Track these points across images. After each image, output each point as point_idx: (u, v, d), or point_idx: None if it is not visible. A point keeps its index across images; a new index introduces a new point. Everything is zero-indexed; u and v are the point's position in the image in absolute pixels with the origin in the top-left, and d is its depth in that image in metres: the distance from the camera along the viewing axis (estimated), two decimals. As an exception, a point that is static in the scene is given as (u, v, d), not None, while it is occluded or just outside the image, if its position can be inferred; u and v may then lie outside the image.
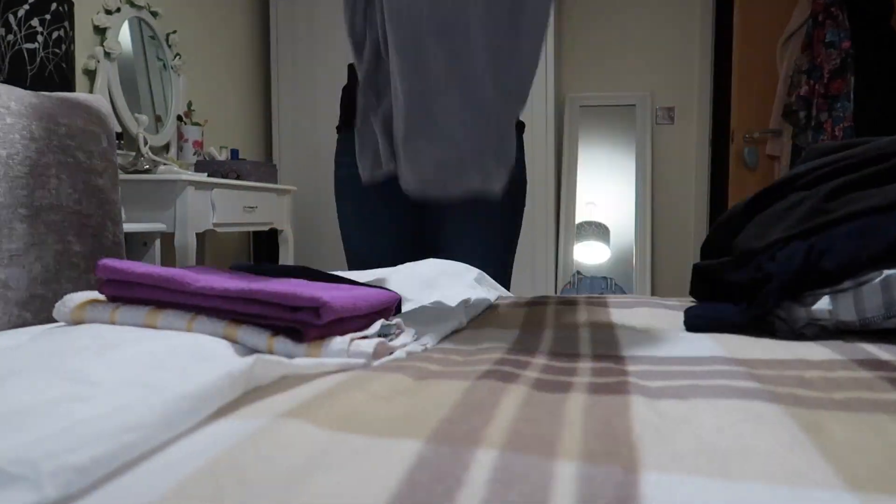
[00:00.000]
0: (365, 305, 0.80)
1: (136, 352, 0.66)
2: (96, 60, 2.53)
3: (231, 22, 3.45)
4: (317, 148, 3.50)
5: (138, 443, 0.44)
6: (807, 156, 1.14)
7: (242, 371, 0.55)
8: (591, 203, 3.89)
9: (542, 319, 1.06)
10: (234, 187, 2.67)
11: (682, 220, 3.86)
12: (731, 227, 1.11)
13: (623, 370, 0.69)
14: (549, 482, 0.40)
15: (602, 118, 3.94)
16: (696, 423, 0.50)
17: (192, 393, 0.49)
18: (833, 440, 0.47)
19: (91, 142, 1.23)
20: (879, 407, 0.55)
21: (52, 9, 2.25)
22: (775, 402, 0.55)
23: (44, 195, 1.09)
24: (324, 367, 0.67)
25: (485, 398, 0.56)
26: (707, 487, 0.39)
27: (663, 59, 3.85)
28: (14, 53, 2.12)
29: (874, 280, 0.85)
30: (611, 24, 3.90)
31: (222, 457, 0.43)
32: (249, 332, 0.76)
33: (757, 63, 3.30)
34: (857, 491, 0.39)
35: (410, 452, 0.44)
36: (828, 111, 3.04)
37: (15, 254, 1.04)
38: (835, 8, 3.03)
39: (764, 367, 0.70)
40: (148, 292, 0.83)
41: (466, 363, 0.73)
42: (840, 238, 0.89)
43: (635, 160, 3.85)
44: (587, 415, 0.52)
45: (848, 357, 0.75)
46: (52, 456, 0.39)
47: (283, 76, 3.59)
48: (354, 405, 0.54)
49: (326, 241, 3.44)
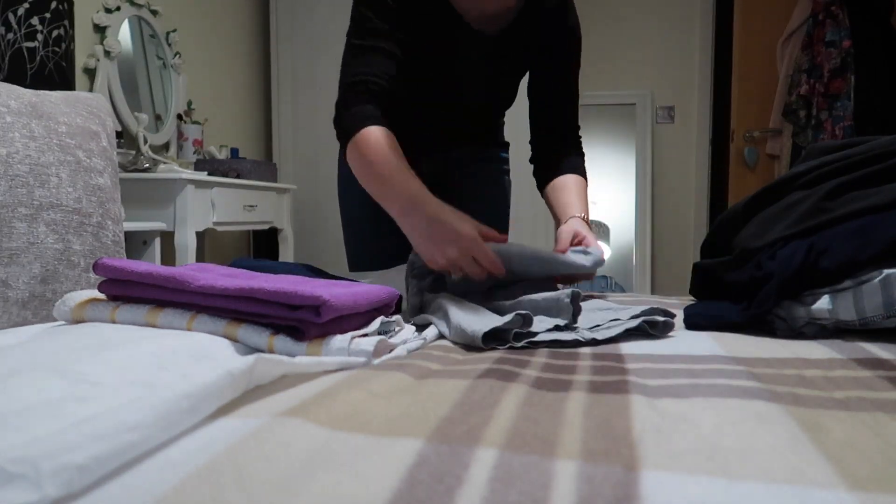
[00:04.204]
0: (365, 303, 0.80)
1: (137, 351, 0.66)
2: (96, 59, 2.52)
3: (231, 20, 3.44)
4: (317, 147, 3.50)
5: (139, 442, 0.44)
6: (807, 155, 1.14)
7: (243, 370, 0.55)
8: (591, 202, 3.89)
9: (542, 318, 1.06)
10: (234, 186, 2.67)
11: (682, 219, 3.86)
12: (731, 227, 1.11)
13: (623, 369, 0.69)
14: (548, 481, 0.40)
15: (602, 117, 3.94)
16: (696, 422, 0.50)
17: (193, 392, 0.49)
18: (833, 439, 0.47)
19: (91, 140, 1.23)
20: (879, 406, 0.55)
21: (51, 7, 2.25)
22: (775, 401, 0.55)
23: (44, 194, 1.09)
24: (324, 365, 0.67)
25: (485, 397, 0.56)
26: (707, 486, 0.39)
27: (663, 59, 3.85)
28: (14, 52, 2.12)
29: (874, 279, 0.85)
30: (611, 23, 3.90)
31: (222, 456, 0.43)
32: (250, 330, 0.76)
33: (757, 62, 3.30)
34: (856, 490, 0.39)
35: (411, 451, 0.44)
36: (828, 110, 3.04)
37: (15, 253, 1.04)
38: (835, 7, 3.03)
39: (763, 365, 0.70)
40: (148, 291, 0.83)
41: (466, 362, 0.73)
42: (840, 237, 0.89)
43: (635, 159, 3.85)
44: (587, 414, 0.52)
45: (848, 356, 0.75)
46: (52, 455, 0.39)
47: (284, 75, 3.58)
48: (354, 404, 0.54)
49: (326, 240, 3.44)
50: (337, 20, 3.49)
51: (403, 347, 0.79)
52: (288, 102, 3.59)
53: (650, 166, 3.82)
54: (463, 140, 1.50)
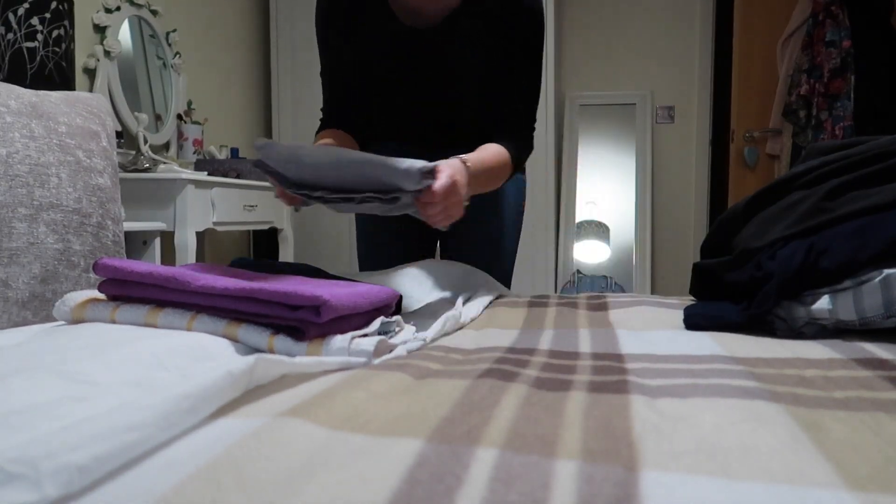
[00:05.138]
0: (365, 303, 0.80)
1: (137, 351, 0.66)
2: (96, 59, 2.52)
3: (231, 20, 3.44)
4: (317, 147, 3.50)
5: (139, 442, 0.44)
6: (806, 155, 1.14)
7: (243, 370, 0.55)
8: (591, 202, 3.89)
9: (542, 318, 1.06)
10: (234, 186, 2.67)
11: (681, 219, 3.86)
12: (731, 227, 1.11)
13: (623, 369, 0.69)
14: (548, 481, 0.40)
15: (602, 117, 3.93)
16: (696, 422, 0.50)
17: (193, 392, 0.49)
18: (833, 439, 0.47)
19: (91, 140, 1.23)
20: (879, 406, 0.55)
21: (51, 7, 2.25)
22: (775, 401, 0.55)
23: (43, 194, 1.09)
24: (324, 365, 0.67)
25: (485, 397, 0.56)
26: (707, 486, 0.39)
27: (663, 59, 3.85)
28: (14, 52, 2.12)
29: (874, 279, 0.85)
30: (611, 23, 3.90)
31: (222, 456, 0.43)
32: (250, 330, 0.76)
33: (757, 62, 3.30)
34: (856, 489, 0.39)
35: (411, 451, 0.44)
36: (828, 110, 3.04)
37: (15, 253, 1.04)
38: (835, 7, 3.03)
39: (763, 365, 0.70)
40: (148, 291, 0.83)
41: (466, 362, 0.73)
42: (840, 237, 0.89)
43: (635, 159, 3.85)
44: (587, 414, 0.52)
45: (847, 356, 0.75)
46: (52, 455, 0.39)
47: (284, 74, 3.58)
48: (355, 404, 0.54)
49: (326, 240, 3.44)
50: (337, 20, 3.49)
51: (403, 347, 0.79)
52: (288, 102, 3.59)
53: (650, 166, 3.82)
54: (460, 141, 1.48)
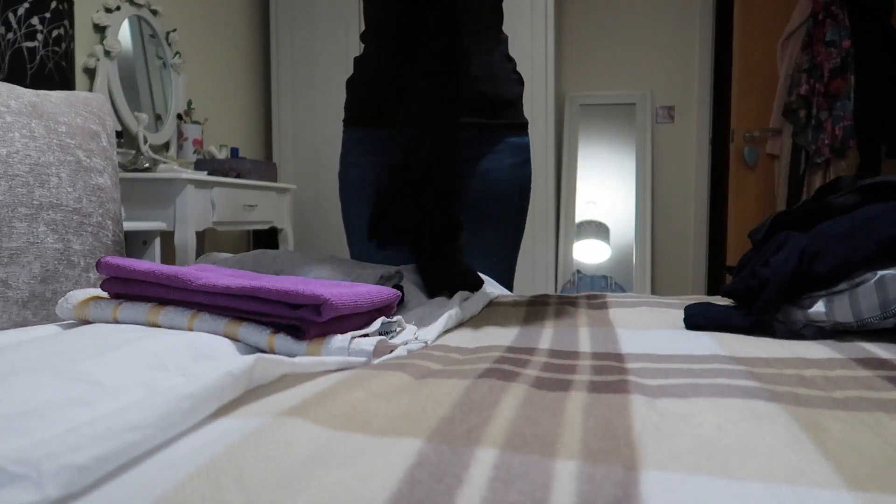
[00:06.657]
0: (366, 303, 0.80)
1: (138, 351, 0.66)
2: (96, 59, 2.52)
3: (231, 20, 3.44)
4: (317, 146, 3.50)
5: (140, 442, 0.44)
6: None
7: (243, 370, 0.55)
8: (591, 202, 3.89)
9: (543, 318, 1.06)
10: (234, 186, 2.67)
11: (681, 219, 3.86)
12: None
13: (623, 368, 0.69)
14: (549, 481, 0.40)
15: (602, 117, 3.93)
16: (696, 422, 0.50)
17: (193, 392, 0.49)
18: (832, 439, 0.47)
19: (91, 140, 1.23)
20: (879, 405, 0.55)
21: (51, 7, 2.25)
22: (775, 401, 0.55)
23: (43, 194, 1.09)
24: (324, 365, 0.67)
25: (485, 397, 0.56)
26: (707, 486, 0.39)
27: (663, 58, 3.85)
28: (14, 52, 2.12)
29: (869, 281, 0.85)
30: (611, 22, 3.90)
31: (222, 456, 0.43)
32: (250, 329, 0.76)
33: (757, 62, 3.30)
34: (856, 489, 0.39)
35: (411, 451, 0.44)
36: (828, 110, 3.03)
37: (15, 252, 1.04)
38: (835, 6, 3.03)
39: (763, 365, 0.70)
40: (150, 289, 0.83)
41: (466, 362, 0.73)
42: (830, 240, 0.89)
43: (635, 159, 3.85)
44: (587, 413, 0.52)
45: (847, 356, 0.75)
46: (53, 455, 0.39)
47: (284, 74, 3.58)
48: (355, 404, 0.54)
49: (326, 239, 3.44)
50: (337, 20, 3.49)
51: (404, 347, 0.79)
52: (288, 102, 3.59)
53: (650, 166, 3.82)
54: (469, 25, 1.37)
